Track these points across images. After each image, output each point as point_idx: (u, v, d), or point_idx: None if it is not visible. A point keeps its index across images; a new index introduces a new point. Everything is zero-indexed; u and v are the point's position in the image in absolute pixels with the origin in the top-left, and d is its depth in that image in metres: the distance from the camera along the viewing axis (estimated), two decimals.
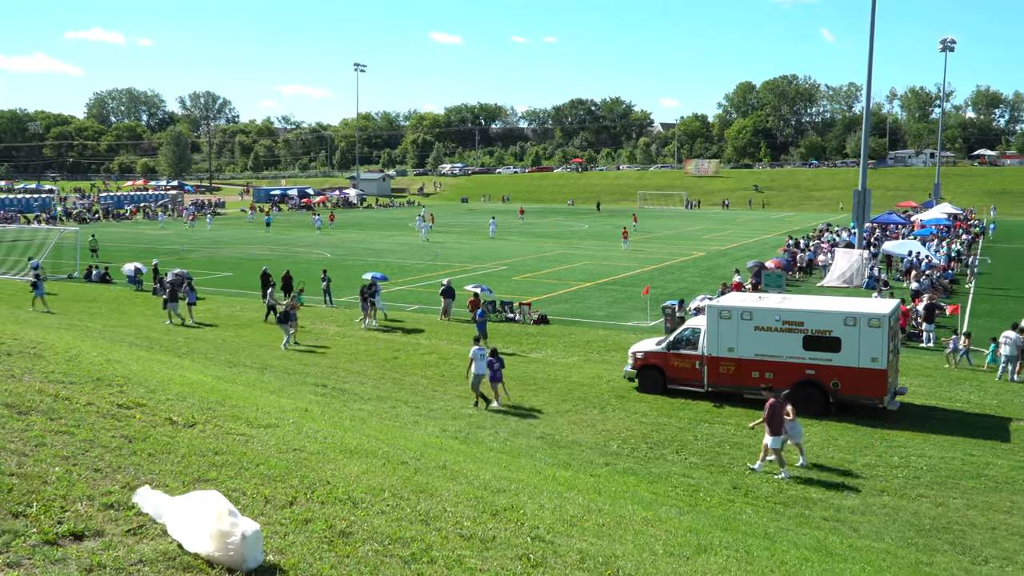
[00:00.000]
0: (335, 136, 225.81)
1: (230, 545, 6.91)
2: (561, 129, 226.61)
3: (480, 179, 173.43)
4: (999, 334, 26.84)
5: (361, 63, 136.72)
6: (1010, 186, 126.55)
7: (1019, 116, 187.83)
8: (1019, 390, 24.93)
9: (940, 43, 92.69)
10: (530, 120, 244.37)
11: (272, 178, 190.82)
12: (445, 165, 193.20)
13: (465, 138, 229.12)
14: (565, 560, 8.45)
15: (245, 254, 61.05)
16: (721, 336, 23.46)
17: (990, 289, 44.80)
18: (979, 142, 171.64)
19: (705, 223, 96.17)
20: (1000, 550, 14.22)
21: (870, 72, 48.37)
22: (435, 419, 20.82)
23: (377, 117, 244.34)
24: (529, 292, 42.04)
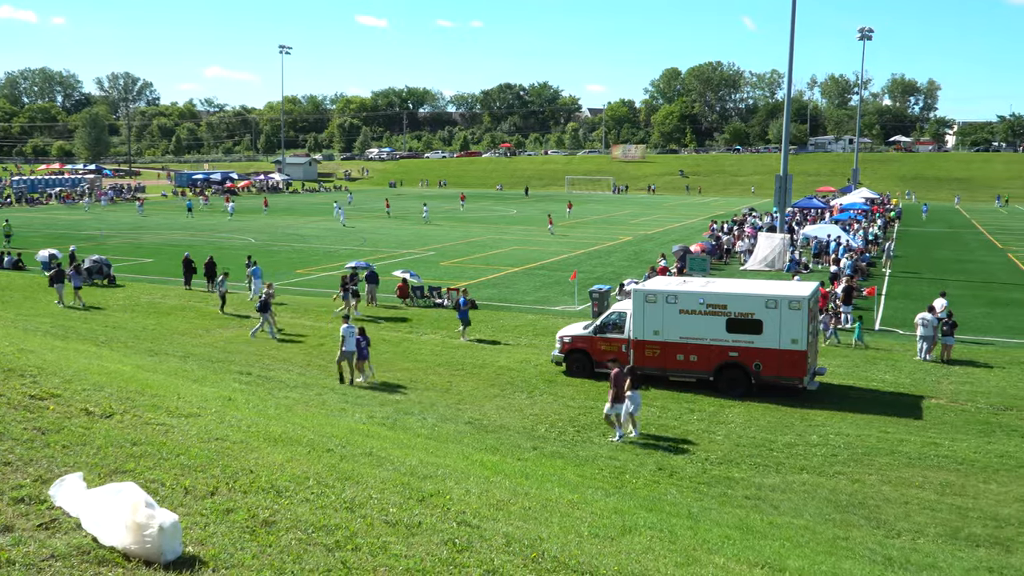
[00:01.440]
0: (260, 120, 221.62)
1: (147, 537, 6.75)
2: (489, 114, 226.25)
3: (408, 164, 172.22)
4: (914, 315, 27.72)
5: (286, 45, 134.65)
6: (923, 171, 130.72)
7: (932, 104, 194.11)
8: (932, 369, 25.80)
9: (858, 32, 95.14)
10: (458, 105, 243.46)
11: (195, 162, 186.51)
12: (372, 150, 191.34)
13: (393, 122, 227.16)
14: (491, 544, 8.47)
15: (167, 240, 59.65)
16: (647, 320, 23.75)
17: (905, 272, 46.24)
18: (895, 129, 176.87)
19: (632, 208, 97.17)
20: (912, 523, 14.72)
21: (791, 60, 49.32)
22: (362, 406, 20.66)
23: (303, 100, 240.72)
24: (457, 277, 41.97)
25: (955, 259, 52.51)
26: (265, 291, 30.40)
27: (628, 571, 8.53)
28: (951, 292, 34.39)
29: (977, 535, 14.25)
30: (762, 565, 10.16)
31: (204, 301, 35.90)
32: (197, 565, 6.86)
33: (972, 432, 19.96)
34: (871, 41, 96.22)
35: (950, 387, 23.78)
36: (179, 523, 6.98)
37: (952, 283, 41.06)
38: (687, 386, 23.44)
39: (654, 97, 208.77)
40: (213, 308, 34.03)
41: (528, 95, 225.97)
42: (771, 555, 10.86)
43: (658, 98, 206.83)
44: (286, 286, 39.86)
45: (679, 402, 22.20)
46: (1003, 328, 31.55)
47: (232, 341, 28.48)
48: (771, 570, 10.02)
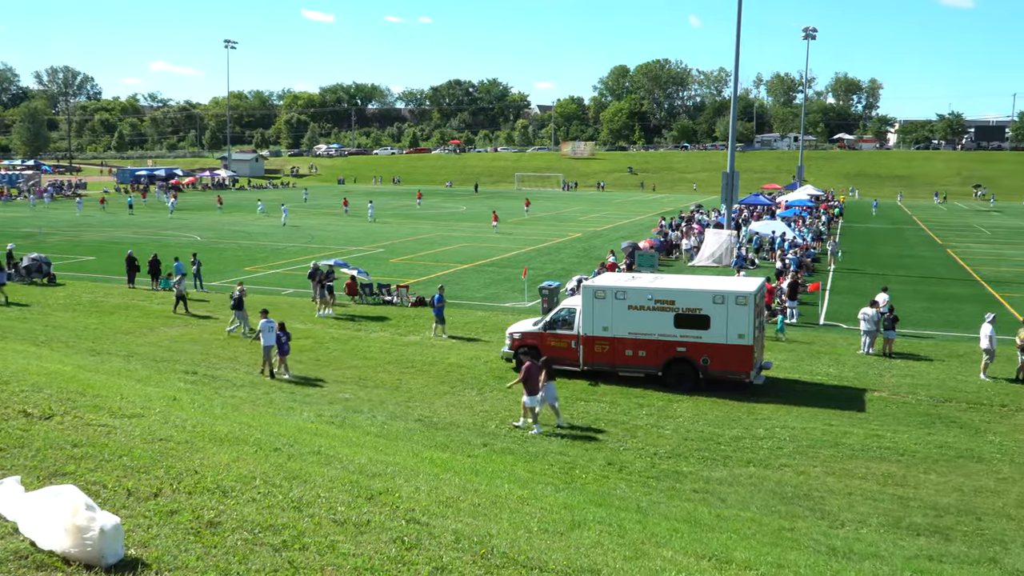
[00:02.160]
0: (205, 115, 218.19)
1: (87, 540, 6.61)
2: (439, 110, 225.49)
3: (357, 160, 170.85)
4: (858, 310, 28.24)
5: (232, 40, 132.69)
6: (866, 169, 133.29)
7: (875, 102, 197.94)
8: (874, 362, 26.31)
9: (803, 31, 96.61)
10: (407, 101, 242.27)
11: (138, 158, 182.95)
12: (321, 146, 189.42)
13: (341, 118, 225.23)
14: (440, 541, 8.45)
15: (109, 237, 58.47)
16: (596, 316, 23.87)
17: (849, 267, 47.09)
18: (839, 127, 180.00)
19: (582, 204, 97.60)
20: (856, 514, 15.00)
21: (737, 58, 49.92)
22: (310, 404, 20.48)
23: (249, 96, 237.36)
24: (407, 274, 41.79)
25: (897, 255, 53.62)
26: (238, 289, 30.07)
27: (577, 565, 8.56)
28: (893, 287, 35.14)
29: (918, 524, 14.57)
30: (709, 557, 10.27)
31: (148, 299, 35.29)
32: (139, 568, 6.74)
33: (913, 424, 20.41)
34: (815, 40, 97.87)
35: (892, 380, 24.28)
36: (121, 525, 6.85)
37: (894, 278, 41.92)
38: (636, 381, 23.61)
39: (603, 94, 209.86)
40: (158, 306, 33.46)
41: (477, 92, 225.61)
42: (718, 547, 10.98)
43: (607, 95, 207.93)
44: (232, 283, 39.28)
45: (628, 397, 22.35)
46: (942, 322, 32.30)
47: (177, 340, 28.01)
48: (718, 562, 10.14)
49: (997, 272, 45.61)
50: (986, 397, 22.73)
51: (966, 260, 50.44)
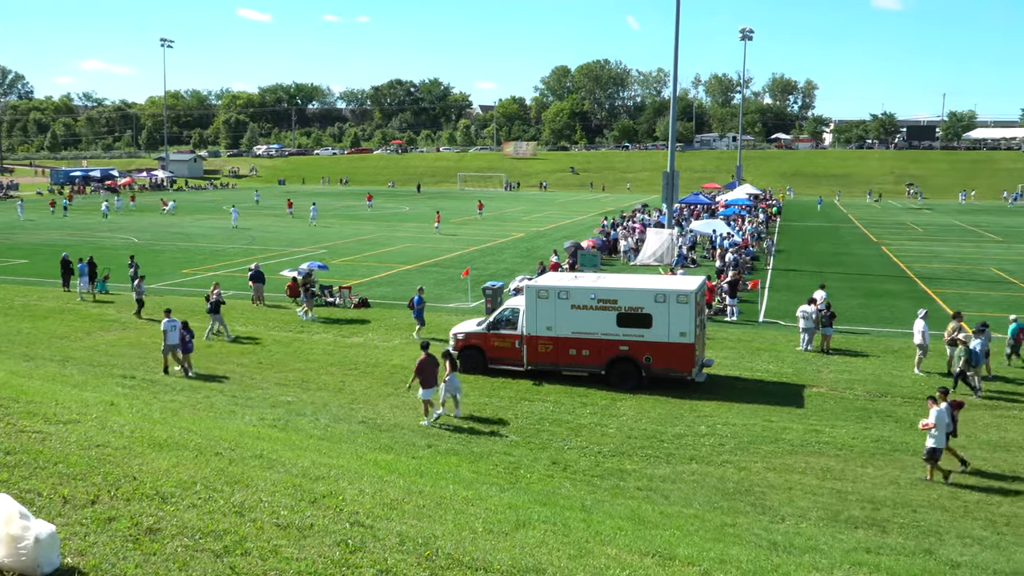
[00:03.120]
0: (141, 115, 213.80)
1: (21, 550, 6.46)
2: (380, 110, 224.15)
3: (298, 161, 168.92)
4: (796, 307, 28.75)
5: (168, 38, 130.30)
6: (803, 168, 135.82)
7: (810, 103, 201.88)
8: (813, 359, 26.80)
9: (740, 32, 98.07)
10: (348, 101, 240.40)
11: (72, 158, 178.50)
12: (260, 146, 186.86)
13: (281, 118, 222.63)
14: (384, 543, 8.41)
15: (43, 240, 56.99)
16: (539, 315, 23.94)
17: (786, 265, 47.94)
18: (776, 127, 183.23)
19: (524, 204, 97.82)
20: (795, 508, 15.28)
21: (676, 59, 50.55)
22: (252, 407, 20.22)
23: (187, 95, 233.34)
24: (349, 276, 41.47)
25: (833, 252, 54.73)
26: (215, 292, 29.52)
27: (522, 565, 8.58)
28: (830, 284, 35.84)
29: (856, 517, 14.89)
30: (653, 554, 10.37)
31: (84, 303, 34.46)
32: None
33: (850, 419, 20.84)
34: (752, 42, 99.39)
35: (830, 376, 24.77)
36: (56, 534, 6.70)
37: (831, 276, 42.77)
38: (580, 380, 23.74)
39: (544, 94, 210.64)
40: (94, 310, 32.72)
41: (419, 92, 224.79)
42: (662, 544, 11.09)
43: (548, 95, 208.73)
44: (171, 286, 38.64)
45: (572, 396, 22.46)
46: (878, 318, 33.04)
47: (115, 344, 27.43)
48: (661, 559, 10.24)
49: (929, 268, 46.82)
50: (920, 391, 23.27)
51: (900, 257, 51.69)
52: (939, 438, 16.66)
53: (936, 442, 16.66)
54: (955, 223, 77.46)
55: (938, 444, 16.68)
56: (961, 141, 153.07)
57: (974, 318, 27.58)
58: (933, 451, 16.74)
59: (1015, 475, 17.18)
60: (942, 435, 16.70)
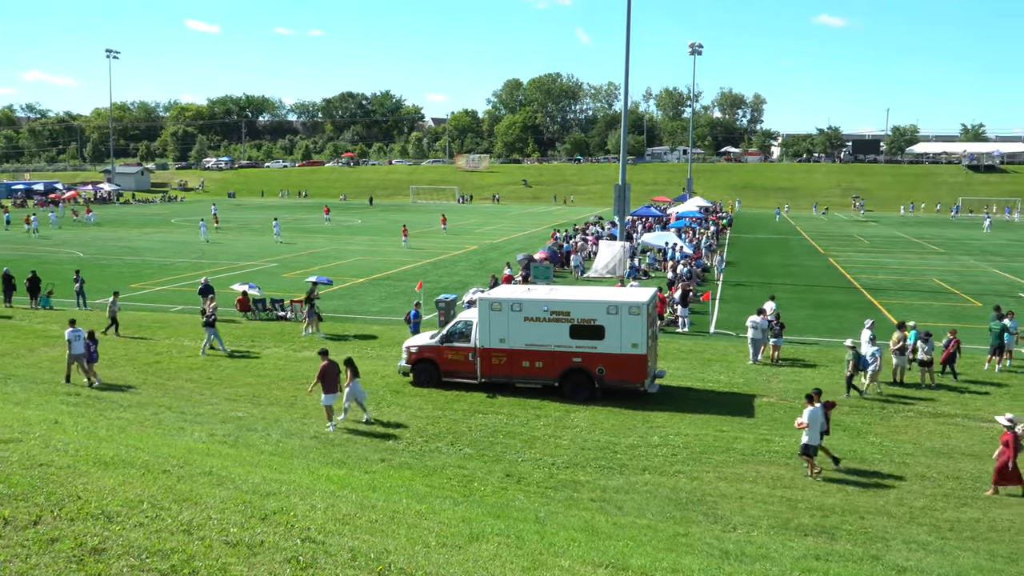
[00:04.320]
0: (87, 127, 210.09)
1: None
2: (332, 123, 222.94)
3: (248, 173, 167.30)
4: (746, 318, 29.09)
5: (114, 49, 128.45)
6: (752, 180, 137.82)
7: (759, 116, 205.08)
8: (763, 369, 27.13)
9: (689, 47, 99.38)
10: (299, 113, 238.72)
11: (15, 171, 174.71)
12: (210, 159, 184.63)
13: (231, 131, 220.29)
14: (336, 559, 8.33)
15: None
16: (493, 328, 23.93)
17: (736, 277, 48.53)
18: (725, 140, 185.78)
19: (477, 217, 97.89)
20: (747, 517, 15.42)
21: (627, 73, 50.96)
22: (202, 424, 19.91)
23: (133, 107, 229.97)
24: (301, 289, 41.06)
25: (782, 264, 55.54)
26: (212, 306, 29.03)
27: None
28: (779, 296, 36.29)
29: (805, 525, 15.07)
30: (606, 565, 10.39)
31: (27, 318, 33.71)
32: None
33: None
34: (701, 56, 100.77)
35: (779, 386, 25.08)
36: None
37: (780, 287, 43.38)
38: (533, 392, 23.76)
39: (497, 107, 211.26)
40: (38, 326, 32.00)
41: (371, 104, 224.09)
42: (615, 555, 11.12)
43: (501, 108, 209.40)
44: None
45: (525, 408, 22.47)
46: (826, 329, 33.57)
47: (59, 361, 26.79)
48: (615, 569, 10.27)
49: (875, 280, 47.72)
50: (866, 400, 23.71)
51: (847, 268, 52.62)
52: (813, 435, 17.73)
53: (810, 439, 17.73)
54: (899, 235, 79.10)
55: (812, 441, 17.74)
56: (904, 155, 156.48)
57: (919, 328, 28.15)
58: (807, 447, 17.78)
59: (958, 481, 17.53)
60: (816, 432, 17.75)
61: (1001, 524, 15.28)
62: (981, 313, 35.68)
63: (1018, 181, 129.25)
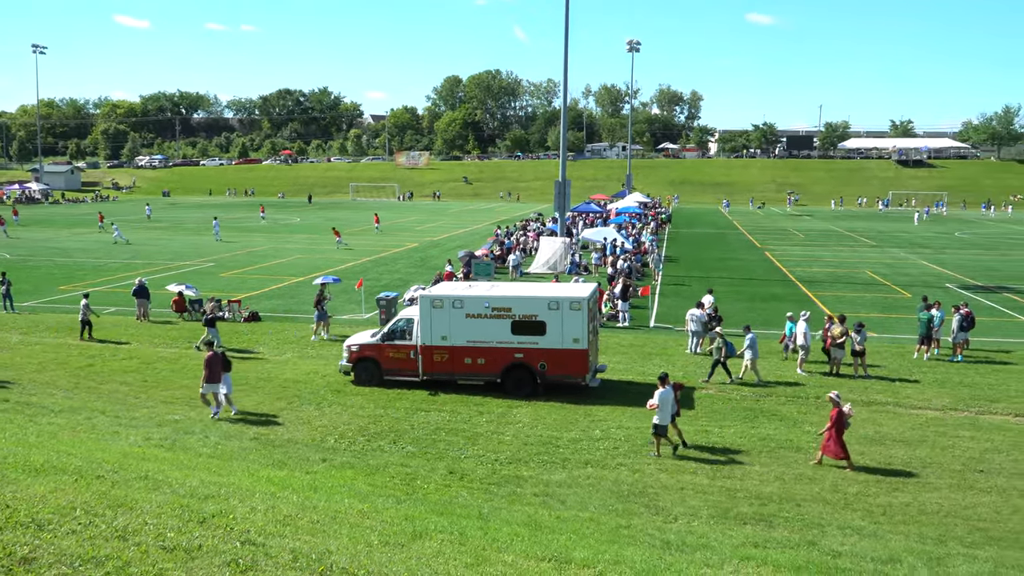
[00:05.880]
0: (12, 124, 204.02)
1: None
2: (269, 120, 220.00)
3: (183, 171, 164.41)
4: (685, 312, 29.47)
5: (40, 45, 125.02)
6: (690, 176, 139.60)
7: (696, 113, 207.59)
8: (702, 361, 27.48)
9: (627, 44, 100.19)
10: (236, 110, 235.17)
11: None
12: (143, 157, 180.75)
13: (165, 128, 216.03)
14: (277, 561, 8.23)
15: None
16: (434, 325, 23.87)
17: (676, 271, 49.10)
18: (663, 136, 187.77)
19: (418, 214, 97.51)
20: (687, 507, 15.63)
21: (566, 70, 51.15)
22: (138, 427, 19.52)
23: (62, 104, 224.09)
24: (238, 289, 40.51)
25: (720, 258, 56.35)
26: (212, 305, 28.33)
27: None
28: (717, 289, 36.85)
29: (744, 513, 15.33)
30: (549, 559, 10.45)
31: None
32: None
33: (738, 418, 21.47)
34: (639, 53, 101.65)
35: (717, 378, 25.43)
36: None
37: (718, 281, 44.01)
38: (476, 389, 23.76)
39: (436, 104, 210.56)
40: None
41: (308, 101, 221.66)
42: (558, 548, 11.18)
43: (440, 105, 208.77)
44: (47, 303, 37.03)
45: (468, 405, 22.46)
46: (762, 321, 34.09)
47: None
48: (558, 563, 10.32)
49: (810, 272, 48.69)
50: (803, 390, 24.20)
51: (783, 262, 53.60)
52: (663, 416, 18.59)
53: (661, 419, 18.62)
54: (833, 229, 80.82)
55: (662, 421, 18.64)
56: (837, 151, 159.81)
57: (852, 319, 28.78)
58: (658, 427, 18.67)
59: (890, 467, 18.00)
60: (666, 413, 18.63)
61: (930, 507, 15.73)
62: (910, 304, 36.63)
63: (945, 176, 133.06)
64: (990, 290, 42.52)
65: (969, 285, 44.13)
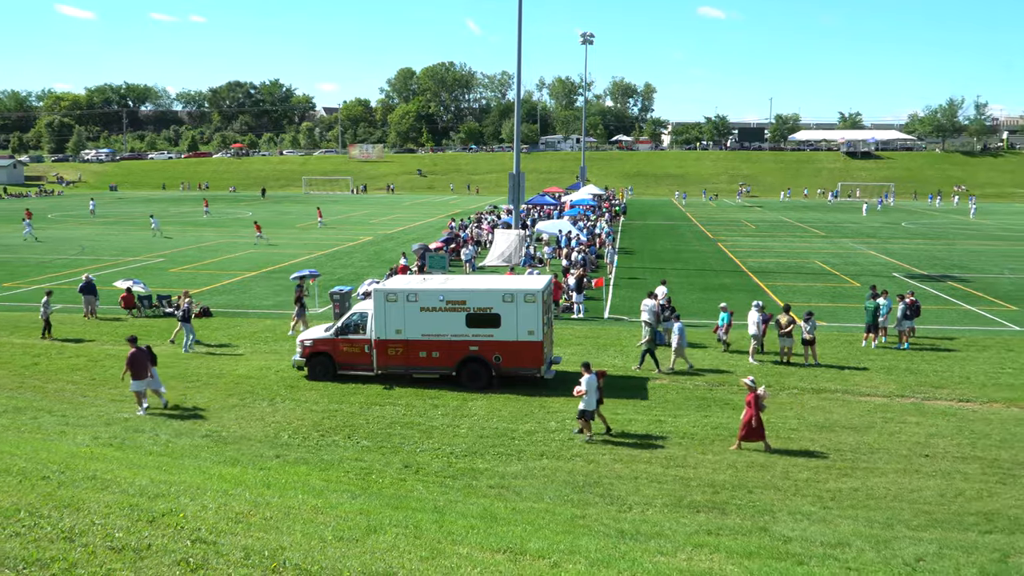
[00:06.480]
0: None
1: None
2: (219, 112, 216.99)
3: (131, 165, 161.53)
4: (639, 303, 29.63)
5: None
6: (644, 168, 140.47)
7: (649, 105, 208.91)
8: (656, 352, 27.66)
9: (581, 36, 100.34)
10: (185, 103, 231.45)
11: None
12: (89, 151, 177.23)
13: (111, 121, 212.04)
14: (228, 559, 8.15)
15: None
16: (389, 319, 23.75)
17: (629, 262, 49.40)
18: (617, 128, 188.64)
19: (372, 208, 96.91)
20: (642, 497, 15.76)
21: (519, 62, 51.18)
22: (85, 427, 19.17)
23: (3, 96, 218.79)
24: (189, 284, 39.92)
25: (673, 249, 56.82)
26: (186, 300, 27.68)
27: (373, 570, 8.50)
28: (670, 280, 37.19)
29: (698, 501, 15.49)
30: (504, 550, 10.47)
31: None
32: None
33: (691, 408, 21.68)
34: (592, 46, 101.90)
35: (648, 365, 25.64)
36: None
37: (671, 272, 44.39)
38: (431, 382, 23.71)
39: (390, 96, 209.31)
40: None
41: (260, 93, 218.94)
42: (513, 540, 11.21)
43: (394, 98, 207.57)
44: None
45: (423, 399, 22.40)
46: (715, 311, 34.36)
47: None
48: (513, 554, 10.35)
49: (761, 263, 49.31)
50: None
51: (735, 253, 54.21)
52: (589, 401, 19.11)
53: (586, 405, 19.13)
54: (784, 220, 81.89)
55: (588, 407, 19.16)
56: (787, 143, 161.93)
57: (802, 309, 29.26)
58: (583, 412, 19.22)
59: (839, 453, 18.31)
60: (592, 399, 19.12)
61: (878, 492, 16.04)
62: (858, 293, 37.28)
63: (892, 167, 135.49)
64: (935, 279, 43.42)
65: (915, 274, 45.02)
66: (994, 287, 40.63)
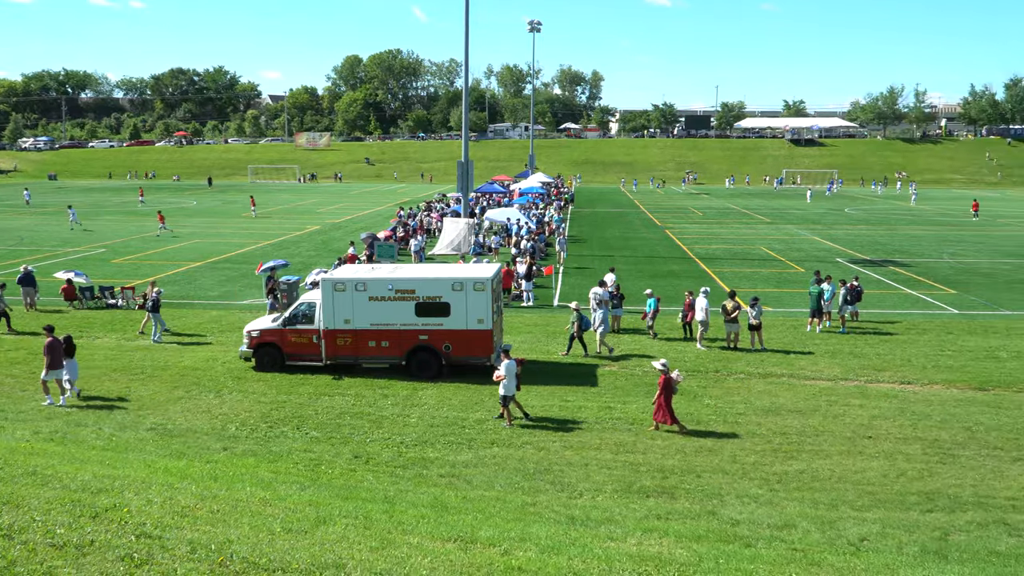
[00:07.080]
0: None
1: None
2: (162, 100, 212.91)
3: (71, 154, 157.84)
4: (588, 290, 29.76)
5: None
6: (592, 156, 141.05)
7: (597, 93, 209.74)
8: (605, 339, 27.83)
9: (528, 24, 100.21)
10: (126, 90, 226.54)
11: None
12: (27, 139, 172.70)
13: (50, 109, 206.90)
14: (174, 554, 8.03)
15: None
16: (337, 308, 23.56)
17: (579, 250, 49.59)
18: (565, 116, 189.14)
19: (319, 196, 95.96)
20: (592, 483, 15.86)
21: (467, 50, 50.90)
22: (25, 421, 18.74)
23: None
24: (132, 275, 39.19)
25: (622, 237, 57.15)
26: (155, 291, 27.21)
27: (321, 562, 8.44)
28: (619, 267, 37.42)
29: (647, 487, 15.64)
30: (455, 539, 10.47)
31: None
32: None
33: (640, 394, 21.84)
34: (540, 34, 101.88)
35: (620, 354, 25.84)
36: None
37: (620, 259, 44.66)
38: (381, 372, 23.59)
39: (337, 84, 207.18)
40: None
41: (203, 81, 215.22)
42: (464, 528, 11.21)
43: (341, 85, 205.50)
44: None
45: (373, 388, 22.28)
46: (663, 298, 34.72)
47: None
48: (463, 542, 10.35)
49: (708, 250, 49.83)
50: (702, 364, 24.79)
51: (682, 240, 54.71)
52: (508, 387, 19.44)
53: (506, 390, 19.46)
54: (730, 207, 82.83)
55: (507, 392, 19.48)
56: (733, 130, 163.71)
57: (748, 293, 29.62)
58: (504, 398, 19.52)
59: (785, 437, 18.61)
60: (511, 384, 19.47)
61: (823, 474, 16.34)
62: (803, 278, 37.88)
63: (835, 154, 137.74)
64: (877, 263, 44.29)
65: (858, 259, 45.87)
66: (934, 271, 41.58)
